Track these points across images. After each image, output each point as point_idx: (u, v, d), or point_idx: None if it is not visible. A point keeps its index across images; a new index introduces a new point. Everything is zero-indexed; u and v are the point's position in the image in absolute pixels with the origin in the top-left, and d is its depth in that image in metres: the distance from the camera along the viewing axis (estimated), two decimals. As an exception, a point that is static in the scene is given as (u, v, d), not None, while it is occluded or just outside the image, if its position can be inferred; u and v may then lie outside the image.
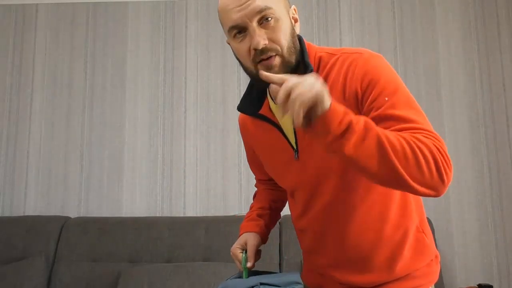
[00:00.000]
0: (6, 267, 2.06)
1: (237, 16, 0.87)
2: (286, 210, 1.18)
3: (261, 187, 1.28)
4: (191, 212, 2.41)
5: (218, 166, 2.44)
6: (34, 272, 2.05)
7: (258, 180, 1.29)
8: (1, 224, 2.24)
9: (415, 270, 0.97)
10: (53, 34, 2.60)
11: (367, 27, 2.52)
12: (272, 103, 1.00)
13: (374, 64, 0.90)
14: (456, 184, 2.33)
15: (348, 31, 2.52)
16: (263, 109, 1.02)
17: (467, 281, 2.26)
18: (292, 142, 0.98)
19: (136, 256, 2.13)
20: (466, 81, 2.43)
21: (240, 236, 1.15)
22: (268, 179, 1.22)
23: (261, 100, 1.02)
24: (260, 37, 0.86)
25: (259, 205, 1.23)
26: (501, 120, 2.39)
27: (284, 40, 0.88)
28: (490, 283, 2.10)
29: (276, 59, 0.88)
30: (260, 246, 1.14)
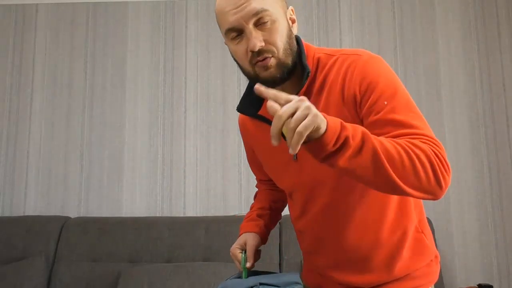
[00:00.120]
0: (6, 267, 2.06)
1: (233, 19, 0.87)
2: (287, 210, 1.18)
3: (261, 188, 1.28)
4: (191, 212, 2.41)
5: (218, 166, 2.44)
6: (34, 272, 2.05)
7: (259, 180, 1.29)
8: (1, 224, 2.24)
9: (414, 270, 0.97)
10: (53, 34, 2.60)
11: (367, 27, 2.52)
12: None
13: (373, 66, 0.90)
14: (456, 184, 2.33)
15: (348, 31, 2.52)
16: (263, 109, 1.01)
17: (467, 281, 2.26)
18: (291, 143, 0.98)
19: (136, 256, 2.13)
20: (466, 81, 2.43)
21: (240, 236, 1.15)
22: (269, 180, 1.22)
23: (260, 101, 1.02)
24: (256, 39, 0.86)
25: (259, 205, 1.23)
26: (501, 120, 2.39)
27: (280, 41, 0.88)
28: (490, 283, 2.10)
29: (272, 60, 0.88)
30: (260, 246, 1.14)
